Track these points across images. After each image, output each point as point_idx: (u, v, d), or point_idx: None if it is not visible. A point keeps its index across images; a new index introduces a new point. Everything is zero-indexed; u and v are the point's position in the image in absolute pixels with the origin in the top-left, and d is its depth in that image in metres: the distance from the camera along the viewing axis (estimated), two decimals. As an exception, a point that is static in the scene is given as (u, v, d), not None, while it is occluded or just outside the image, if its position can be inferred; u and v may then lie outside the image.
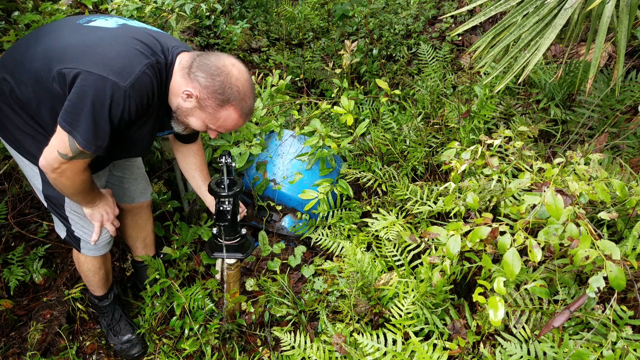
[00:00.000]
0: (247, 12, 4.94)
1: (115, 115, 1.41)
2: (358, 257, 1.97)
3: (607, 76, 2.53)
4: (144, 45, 1.48)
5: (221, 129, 1.60)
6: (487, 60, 2.10)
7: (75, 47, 1.43)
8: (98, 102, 1.37)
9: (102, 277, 2.04)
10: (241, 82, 1.51)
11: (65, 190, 1.60)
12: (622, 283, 1.16)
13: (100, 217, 1.79)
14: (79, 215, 1.80)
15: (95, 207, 1.76)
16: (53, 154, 1.45)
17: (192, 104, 1.53)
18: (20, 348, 2.09)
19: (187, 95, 1.51)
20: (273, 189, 2.49)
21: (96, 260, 1.96)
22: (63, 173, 1.50)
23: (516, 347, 1.46)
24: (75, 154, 1.45)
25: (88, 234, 1.84)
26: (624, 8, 1.71)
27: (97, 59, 1.39)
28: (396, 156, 2.57)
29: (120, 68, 1.39)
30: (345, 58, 2.81)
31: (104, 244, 1.90)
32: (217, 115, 1.54)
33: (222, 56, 1.52)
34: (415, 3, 4.36)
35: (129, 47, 1.45)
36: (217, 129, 1.59)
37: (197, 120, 1.57)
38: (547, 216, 1.34)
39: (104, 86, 1.36)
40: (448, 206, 1.76)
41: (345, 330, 1.76)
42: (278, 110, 2.78)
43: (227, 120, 1.55)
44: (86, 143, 1.41)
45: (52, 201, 1.77)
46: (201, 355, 2.01)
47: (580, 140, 2.39)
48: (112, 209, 1.82)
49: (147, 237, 2.24)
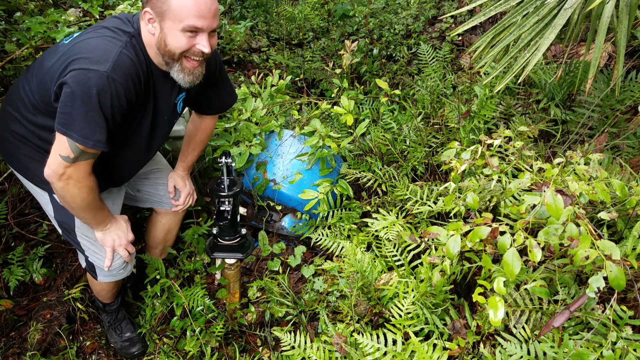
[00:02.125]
0: (247, 12, 4.94)
1: (105, 103, 1.41)
2: (358, 257, 1.97)
3: (607, 76, 2.53)
4: (112, 31, 1.49)
5: (191, 19, 1.42)
6: (487, 60, 2.10)
7: (58, 61, 1.46)
8: (85, 95, 1.38)
9: (114, 292, 2.07)
10: None
11: (73, 202, 1.57)
12: (622, 283, 1.16)
13: (112, 242, 1.75)
14: (90, 240, 1.78)
15: (107, 230, 1.73)
16: (56, 160, 1.46)
17: (157, 23, 1.46)
18: (20, 348, 2.09)
19: (149, 21, 1.47)
20: (273, 189, 2.49)
21: (111, 282, 1.96)
22: (69, 179, 1.49)
23: (516, 347, 1.46)
24: (77, 154, 1.46)
25: (100, 259, 1.81)
26: (624, 8, 1.71)
27: (76, 57, 1.41)
28: (396, 156, 2.57)
29: (98, 57, 1.40)
30: (345, 58, 2.81)
31: (118, 269, 1.86)
32: (172, 7, 1.41)
33: None
34: (415, 3, 4.36)
35: (101, 37, 1.47)
36: (188, 21, 1.42)
37: (170, 34, 1.45)
38: (547, 216, 1.34)
39: (87, 78, 1.37)
40: (448, 206, 1.76)
41: (346, 330, 1.76)
42: (278, 110, 2.78)
43: (183, 3, 1.41)
44: (84, 139, 1.42)
45: (64, 227, 1.77)
46: (201, 355, 2.01)
47: (580, 140, 2.39)
48: (125, 234, 1.78)
49: (169, 241, 2.26)
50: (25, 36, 1.99)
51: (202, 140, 2.05)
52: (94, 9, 2.13)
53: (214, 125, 2.05)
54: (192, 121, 2.03)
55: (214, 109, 1.96)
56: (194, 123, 2.02)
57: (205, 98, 1.89)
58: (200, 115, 1.98)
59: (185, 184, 2.09)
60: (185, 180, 2.10)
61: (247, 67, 4.27)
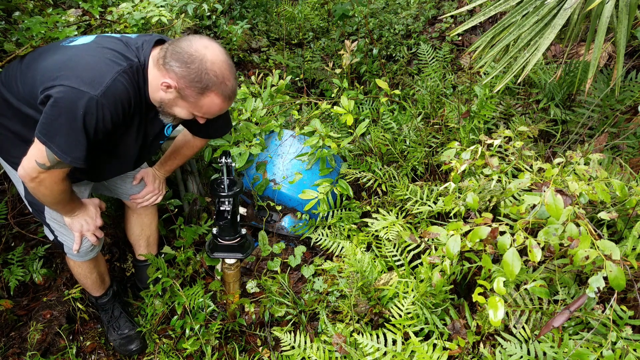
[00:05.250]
0: (247, 12, 4.94)
1: (89, 125, 1.41)
2: (358, 257, 1.97)
3: (607, 76, 2.53)
4: (114, 53, 1.48)
5: (208, 115, 1.58)
6: (487, 60, 2.10)
7: (53, 67, 1.46)
8: (71, 113, 1.37)
9: (95, 280, 2.06)
10: (217, 66, 1.46)
11: (44, 199, 1.60)
12: (622, 283, 1.16)
13: (79, 227, 1.77)
14: (59, 223, 1.81)
15: (75, 216, 1.75)
16: (31, 164, 1.46)
17: (173, 94, 1.50)
18: (20, 348, 2.09)
19: (167, 87, 1.49)
20: (273, 189, 2.49)
21: (84, 265, 1.97)
22: (42, 182, 1.50)
23: (516, 347, 1.46)
24: (53, 164, 1.46)
25: (69, 241, 1.84)
26: (624, 8, 1.71)
27: (69, 73, 1.40)
28: (396, 156, 2.57)
29: (91, 79, 1.39)
30: (345, 58, 2.81)
31: (86, 251, 1.89)
32: (199, 104, 1.51)
33: (194, 40, 1.46)
34: (415, 3, 4.36)
35: (100, 57, 1.45)
36: (204, 115, 1.57)
37: (182, 109, 1.55)
38: (547, 216, 1.34)
39: (76, 97, 1.37)
40: (448, 206, 1.76)
41: (345, 330, 1.76)
42: (278, 110, 2.78)
43: (211, 106, 1.52)
44: (62, 154, 1.42)
45: (34, 207, 1.79)
46: (201, 355, 2.01)
47: (580, 140, 2.39)
48: (93, 220, 1.80)
49: (150, 236, 2.24)
50: (25, 36, 1.99)
51: (186, 155, 2.03)
52: (94, 9, 2.12)
53: (203, 146, 2.03)
54: (184, 134, 2.00)
55: (206, 135, 1.94)
56: (184, 136, 2.00)
57: (205, 126, 1.84)
58: (193, 134, 1.96)
59: (153, 181, 2.06)
60: (156, 178, 2.07)
61: (247, 67, 4.27)
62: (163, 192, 2.12)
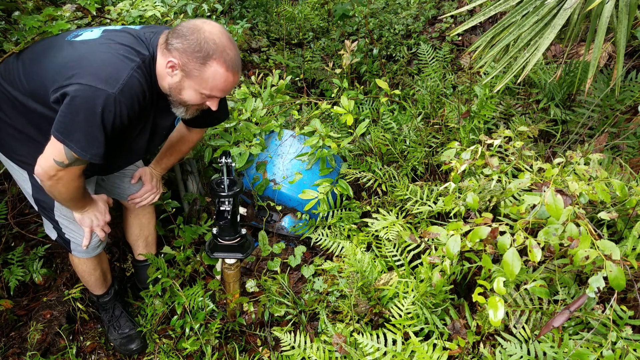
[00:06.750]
0: (247, 12, 4.94)
1: (107, 122, 1.43)
2: (358, 257, 1.97)
3: (607, 76, 2.53)
4: (127, 48, 1.49)
5: (216, 91, 1.54)
6: (487, 60, 2.10)
7: (65, 64, 1.46)
8: (89, 111, 1.39)
9: (99, 277, 2.05)
10: (216, 35, 1.47)
11: (59, 196, 1.61)
12: (622, 283, 1.16)
13: (90, 222, 1.79)
14: (68, 220, 1.81)
15: (85, 212, 1.77)
16: (49, 162, 1.47)
17: (179, 74, 1.51)
18: (20, 348, 2.09)
19: (172, 68, 1.50)
20: (273, 189, 2.49)
21: (89, 261, 1.97)
22: (60, 180, 1.52)
23: (516, 347, 1.46)
24: (72, 161, 1.47)
25: (78, 238, 1.85)
26: (624, 8, 1.71)
27: (84, 71, 1.41)
28: (396, 156, 2.57)
29: (107, 76, 1.41)
30: (345, 58, 2.81)
31: (94, 247, 1.91)
32: (204, 76, 1.49)
33: (193, 20, 1.51)
34: (415, 3, 4.36)
35: (114, 53, 1.47)
36: (211, 92, 1.54)
37: (190, 90, 1.53)
38: (547, 216, 1.34)
39: (94, 95, 1.38)
40: (448, 206, 1.76)
41: (345, 330, 1.76)
42: (278, 110, 2.78)
43: (215, 77, 1.49)
44: (81, 151, 1.44)
45: (42, 205, 1.79)
46: (201, 355, 2.01)
47: (580, 140, 2.39)
48: (102, 215, 1.82)
49: (149, 236, 2.25)
50: (24, 35, 1.99)
51: (183, 150, 2.04)
52: (91, 5, 2.12)
53: (200, 138, 2.04)
54: (178, 130, 1.99)
55: (206, 124, 1.95)
56: (179, 132, 1.99)
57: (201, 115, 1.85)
58: (189, 127, 1.96)
59: (151, 179, 2.06)
60: (153, 177, 2.07)
61: (247, 67, 4.27)
62: (160, 191, 2.13)
